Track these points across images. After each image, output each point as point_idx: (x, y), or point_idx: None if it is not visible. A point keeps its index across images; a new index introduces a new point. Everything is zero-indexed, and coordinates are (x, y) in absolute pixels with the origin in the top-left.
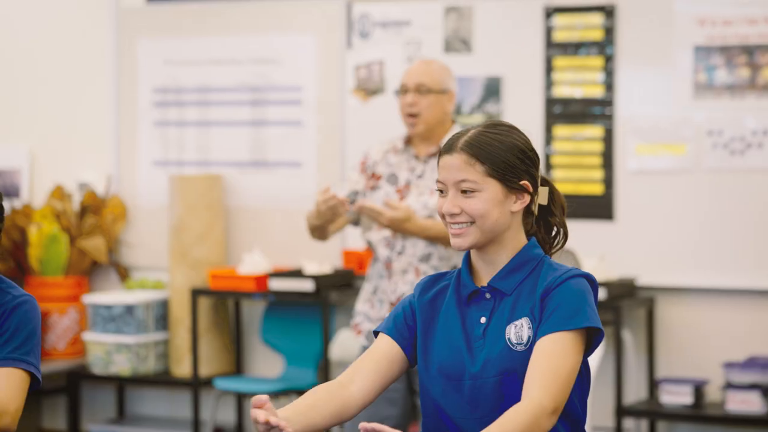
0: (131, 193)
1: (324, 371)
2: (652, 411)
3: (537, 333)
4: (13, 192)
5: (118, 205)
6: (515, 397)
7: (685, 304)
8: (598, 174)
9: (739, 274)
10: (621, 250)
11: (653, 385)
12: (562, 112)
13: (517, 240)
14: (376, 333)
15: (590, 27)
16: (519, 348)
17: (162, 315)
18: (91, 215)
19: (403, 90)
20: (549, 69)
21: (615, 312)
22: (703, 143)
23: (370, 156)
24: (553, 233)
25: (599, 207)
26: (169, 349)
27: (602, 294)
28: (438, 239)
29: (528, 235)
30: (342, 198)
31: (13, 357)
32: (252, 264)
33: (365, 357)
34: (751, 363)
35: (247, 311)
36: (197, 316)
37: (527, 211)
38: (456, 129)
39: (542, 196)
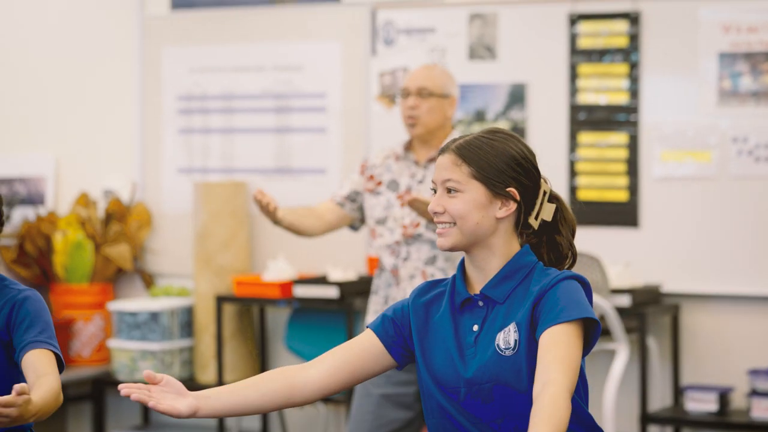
0: (156, 200)
1: None
2: (676, 418)
3: (537, 331)
4: (38, 199)
5: (143, 212)
6: (509, 404)
7: (710, 311)
8: (623, 181)
9: (764, 280)
10: (646, 257)
11: (678, 392)
12: (587, 118)
13: (508, 247)
14: None
15: (615, 34)
16: (507, 353)
17: (187, 322)
18: (116, 222)
19: (404, 93)
20: (573, 76)
21: (640, 319)
22: (728, 150)
23: (370, 159)
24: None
25: (624, 214)
26: (194, 356)
27: (627, 301)
28: None
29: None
30: (264, 200)
31: (40, 340)
32: (276, 271)
33: (339, 346)
34: None
35: (272, 318)
36: (222, 323)
37: (522, 222)
38: (455, 134)
39: (547, 212)
